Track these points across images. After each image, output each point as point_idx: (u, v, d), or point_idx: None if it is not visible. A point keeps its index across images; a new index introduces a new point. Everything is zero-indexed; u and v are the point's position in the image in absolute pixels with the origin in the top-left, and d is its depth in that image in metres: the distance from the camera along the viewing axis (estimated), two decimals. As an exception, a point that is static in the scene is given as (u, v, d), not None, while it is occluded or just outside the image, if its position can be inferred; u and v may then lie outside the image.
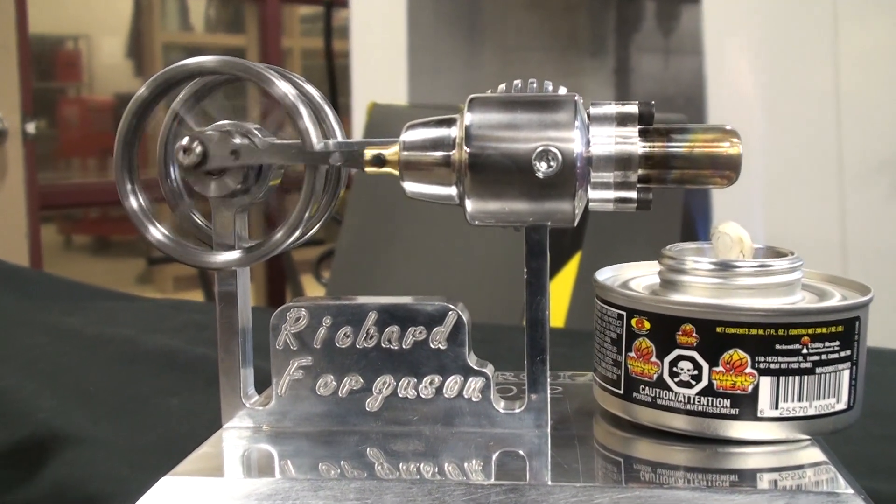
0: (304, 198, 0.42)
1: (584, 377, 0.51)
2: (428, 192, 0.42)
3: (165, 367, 0.67)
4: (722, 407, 0.40)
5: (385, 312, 0.43)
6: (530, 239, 0.42)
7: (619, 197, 0.41)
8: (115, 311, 0.89)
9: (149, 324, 0.82)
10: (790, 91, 1.25)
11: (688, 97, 1.45)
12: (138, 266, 3.09)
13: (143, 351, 0.71)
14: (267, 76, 0.41)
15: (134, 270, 3.12)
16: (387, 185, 0.43)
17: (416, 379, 0.43)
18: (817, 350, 0.40)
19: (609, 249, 1.08)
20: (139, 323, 0.82)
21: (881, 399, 0.55)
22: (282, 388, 0.44)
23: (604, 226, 1.09)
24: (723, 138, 0.41)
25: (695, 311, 0.40)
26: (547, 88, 0.42)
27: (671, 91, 1.53)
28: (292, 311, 0.44)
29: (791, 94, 1.25)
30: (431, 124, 0.42)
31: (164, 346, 0.71)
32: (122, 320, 0.83)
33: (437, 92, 1.54)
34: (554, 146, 0.40)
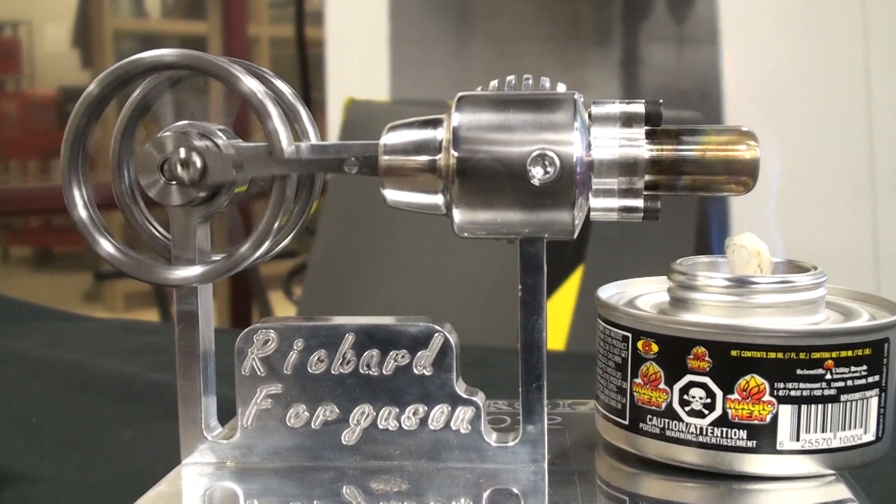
0: (274, 206, 0.42)
1: (585, 406, 0.52)
2: (411, 201, 0.42)
3: (118, 396, 0.67)
4: (737, 439, 0.41)
5: (363, 334, 0.44)
6: (525, 252, 0.42)
7: (623, 206, 0.42)
8: (61, 332, 0.89)
9: (99, 347, 0.82)
10: (816, 87, 1.26)
11: (703, 92, 1.46)
12: (85, 281, 3.09)
13: (93, 377, 0.71)
14: (232, 72, 0.41)
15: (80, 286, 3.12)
16: (366, 191, 0.44)
17: (399, 408, 0.44)
18: (842, 375, 0.40)
19: (614, 264, 1.09)
20: (88, 346, 0.83)
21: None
22: (248, 418, 0.44)
23: (608, 238, 1.10)
24: (739, 141, 0.42)
25: (707, 333, 0.41)
26: (544, 86, 0.43)
27: (685, 85, 1.54)
28: (260, 333, 0.44)
29: (817, 90, 1.26)
30: (415, 125, 0.42)
31: (115, 371, 0.71)
32: (68, 343, 0.83)
33: (423, 87, 1.55)
34: (551, 150, 0.40)
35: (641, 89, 1.55)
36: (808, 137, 1.25)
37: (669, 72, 1.55)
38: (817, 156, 1.25)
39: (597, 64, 1.60)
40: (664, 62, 1.56)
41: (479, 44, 1.68)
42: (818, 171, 1.25)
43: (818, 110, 1.26)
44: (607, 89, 1.55)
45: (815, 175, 1.25)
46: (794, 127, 1.26)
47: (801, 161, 1.24)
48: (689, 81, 1.52)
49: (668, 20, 1.56)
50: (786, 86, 1.29)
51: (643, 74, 1.58)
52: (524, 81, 0.43)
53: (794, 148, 1.25)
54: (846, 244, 1.22)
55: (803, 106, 1.27)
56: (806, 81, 1.27)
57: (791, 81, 1.28)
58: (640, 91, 1.54)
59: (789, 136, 1.26)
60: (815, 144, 1.25)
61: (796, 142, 1.25)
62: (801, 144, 1.25)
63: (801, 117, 1.26)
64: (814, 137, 1.26)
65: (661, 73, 1.56)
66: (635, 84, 1.57)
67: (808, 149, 1.25)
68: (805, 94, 1.27)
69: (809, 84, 1.27)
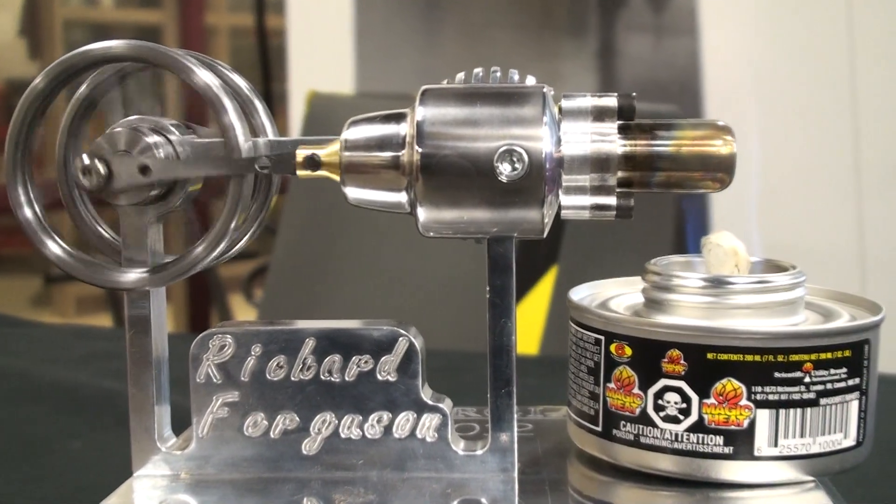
0: (230, 205, 0.42)
1: (557, 412, 0.52)
2: (374, 199, 0.43)
3: (67, 405, 0.67)
4: (714, 445, 0.41)
5: (325, 339, 0.44)
6: (493, 252, 0.43)
7: (595, 203, 0.42)
8: (7, 338, 0.89)
9: (47, 354, 0.82)
10: (799, 79, 1.27)
11: (683, 84, 1.47)
12: (34, 285, 3.06)
13: (41, 386, 0.70)
14: (185, 64, 0.41)
15: (29, 290, 3.09)
16: (330, 189, 0.44)
17: (362, 416, 0.44)
18: (822, 378, 0.41)
19: (590, 264, 1.09)
20: (36, 353, 0.82)
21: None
22: (203, 428, 0.44)
23: (583, 237, 1.10)
24: (714, 136, 0.42)
25: (682, 335, 0.41)
26: (512, 78, 0.43)
27: (663, 77, 1.55)
28: (216, 339, 0.44)
29: (800, 82, 1.27)
30: (377, 120, 0.42)
31: (65, 379, 0.71)
32: (15, 350, 0.83)
33: (390, 79, 1.55)
34: (519, 145, 0.40)
35: (618, 81, 1.55)
36: (791, 132, 1.27)
37: (647, 63, 1.56)
38: (801, 151, 1.26)
39: (572, 55, 1.61)
40: (642, 53, 1.57)
41: (448, 34, 1.68)
42: (801, 166, 1.26)
43: (801, 103, 1.27)
44: (583, 81, 1.56)
45: (799, 171, 1.26)
46: (776, 121, 1.27)
47: (783, 156, 1.25)
48: (667, 73, 1.53)
49: (646, 9, 1.56)
50: (768, 78, 1.30)
51: (620, 66, 1.59)
52: (492, 74, 0.43)
53: (777, 143, 1.26)
54: (831, 242, 1.23)
55: (786, 99, 1.28)
56: (789, 73, 1.29)
57: (773, 73, 1.29)
58: (617, 83, 1.54)
59: (771, 131, 1.27)
60: (798, 139, 1.27)
61: (779, 136, 1.26)
62: (783, 139, 1.26)
63: (783, 111, 1.27)
64: (797, 132, 1.27)
65: (639, 64, 1.57)
66: (612, 76, 1.58)
67: (791, 144, 1.26)
68: (788, 87, 1.28)
69: (792, 76, 1.28)
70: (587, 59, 1.59)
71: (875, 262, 1.22)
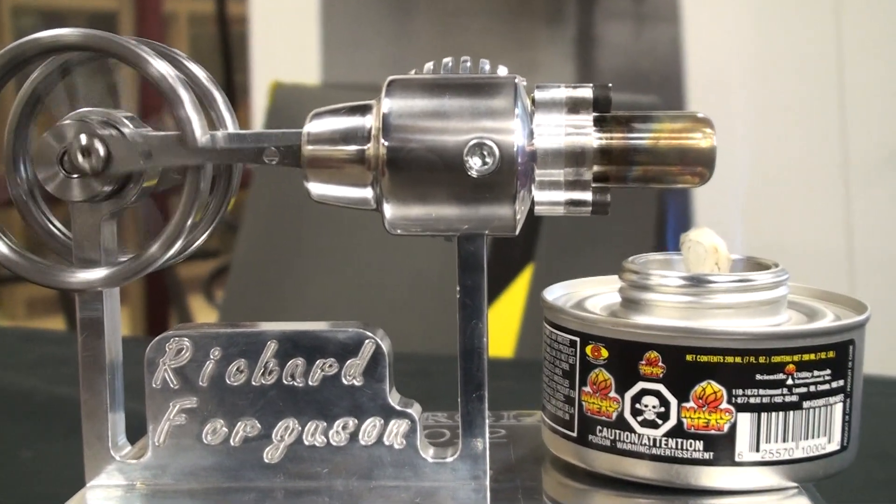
0: (187, 201, 0.42)
1: (532, 417, 0.52)
2: (338, 195, 0.43)
3: (17, 413, 0.66)
4: (693, 450, 0.42)
5: (287, 341, 0.44)
6: (464, 251, 0.43)
7: (570, 199, 0.43)
8: (-48, 343, 0.88)
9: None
10: (785, 69, 1.28)
11: (664, 75, 1.48)
12: (-18, 287, 3.04)
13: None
14: (139, 53, 0.41)
15: (-24, 292, 3.07)
16: (294, 184, 0.44)
17: (326, 423, 0.44)
18: (805, 380, 0.41)
19: (567, 262, 1.10)
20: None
21: (885, 438, 0.57)
22: (160, 436, 0.44)
23: (561, 234, 1.11)
24: (694, 128, 0.43)
25: (660, 336, 0.41)
26: (483, 68, 0.43)
27: (644, 66, 1.55)
28: (172, 342, 0.44)
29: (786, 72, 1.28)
30: (342, 112, 0.43)
31: (14, 385, 0.71)
32: (-40, 355, 0.83)
33: (357, 69, 1.55)
34: (489, 139, 0.41)
35: (597, 71, 1.56)
36: (776, 123, 1.27)
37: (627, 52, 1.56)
38: (786, 144, 1.27)
39: (549, 43, 1.61)
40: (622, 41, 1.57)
41: (419, 21, 1.68)
42: (787, 160, 1.27)
43: (787, 94, 1.28)
44: (560, 71, 1.56)
45: (785, 165, 1.27)
46: (761, 112, 1.28)
47: (768, 150, 1.26)
48: (648, 62, 1.54)
49: (627, -5, 1.57)
50: (753, 68, 1.30)
51: (599, 55, 1.59)
52: (462, 64, 0.43)
53: (762, 135, 1.27)
54: (818, 239, 1.24)
55: (772, 89, 1.29)
56: (774, 63, 1.29)
57: (758, 63, 1.30)
58: (596, 73, 1.55)
59: (756, 123, 1.27)
60: (784, 131, 1.27)
61: (764, 128, 1.27)
62: (768, 131, 1.27)
63: (769, 102, 1.28)
64: (783, 123, 1.28)
65: (619, 53, 1.57)
66: (590, 65, 1.58)
67: (777, 136, 1.27)
68: (773, 78, 1.29)
69: (778, 66, 1.29)
70: (565, 47, 1.59)
71: (864, 258, 1.23)
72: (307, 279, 1.23)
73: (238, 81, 1.72)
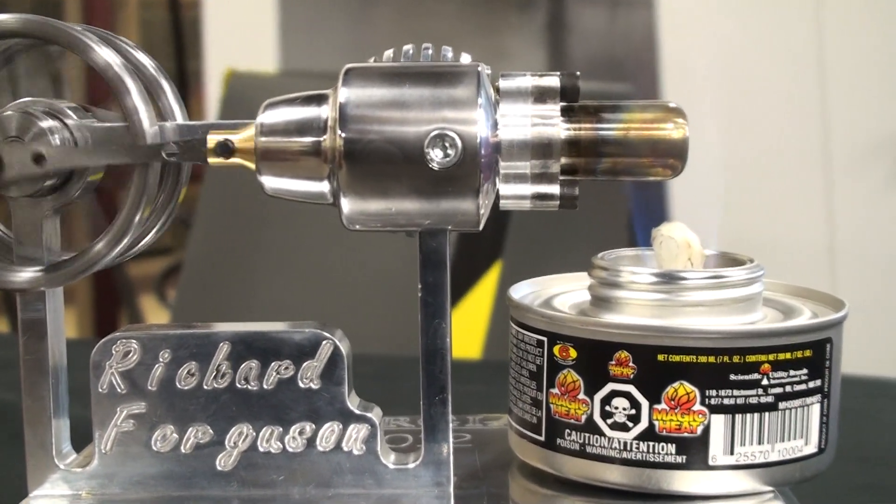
0: (134, 196, 0.42)
1: (498, 421, 0.52)
2: (293, 189, 0.43)
3: (-46, 420, 0.66)
4: (666, 454, 0.42)
5: (241, 343, 0.44)
6: (426, 247, 0.43)
7: (537, 192, 0.43)
8: None
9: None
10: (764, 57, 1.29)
11: (640, 62, 1.48)
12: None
13: (-75, 399, 0.70)
14: (83, 41, 0.41)
15: (-87, 293, 3.05)
16: (250, 177, 0.44)
17: (282, 428, 0.44)
18: (781, 380, 0.42)
19: (537, 259, 1.10)
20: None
21: (865, 439, 0.57)
22: (107, 443, 0.44)
23: (530, 229, 1.11)
24: (665, 118, 0.43)
25: (631, 335, 0.42)
26: (445, 56, 0.44)
27: (618, 53, 1.56)
28: (119, 344, 0.44)
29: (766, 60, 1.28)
30: (297, 102, 0.43)
31: (-48, 392, 0.70)
32: None
33: (317, 56, 1.54)
34: (451, 129, 0.41)
35: (569, 58, 1.56)
36: (755, 113, 1.28)
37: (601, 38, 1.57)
38: (765, 134, 1.28)
39: (519, 29, 1.62)
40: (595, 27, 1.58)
41: (383, 5, 1.68)
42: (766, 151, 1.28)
43: (766, 82, 1.29)
44: (531, 59, 1.56)
45: (763, 156, 1.28)
46: (739, 101, 1.29)
47: (746, 140, 1.27)
48: (622, 49, 1.54)
49: (599, -21, 1.57)
50: (730, 55, 1.31)
51: (571, 41, 1.60)
52: (423, 51, 0.44)
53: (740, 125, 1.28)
54: (798, 233, 1.25)
55: (750, 77, 1.29)
56: (753, 50, 1.30)
57: (736, 50, 1.31)
58: (568, 60, 1.55)
59: (734, 112, 1.28)
60: (762, 121, 1.28)
61: (742, 118, 1.28)
62: (746, 121, 1.28)
63: (747, 90, 1.29)
64: (761, 113, 1.28)
65: (592, 39, 1.58)
66: (562, 52, 1.59)
67: (756, 126, 1.28)
68: (752, 65, 1.30)
69: (757, 53, 1.30)
70: (535, 33, 1.60)
71: (846, 253, 1.24)
72: (264, 277, 1.23)
73: (191, 69, 1.72)
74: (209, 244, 1.30)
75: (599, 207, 1.06)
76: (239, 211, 1.26)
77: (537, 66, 1.50)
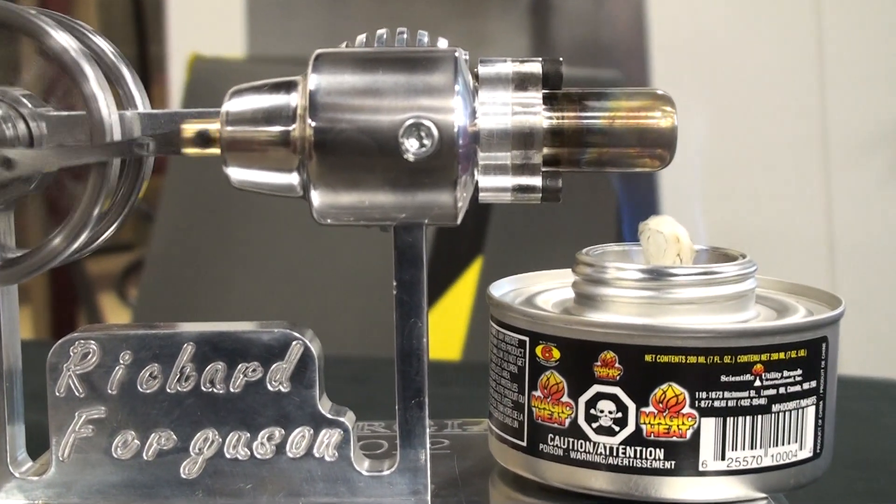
0: (93, 188, 0.42)
1: (478, 426, 0.53)
2: (260, 181, 0.43)
3: None
4: (654, 459, 0.42)
5: (206, 344, 0.44)
6: (401, 242, 0.43)
7: (518, 185, 0.43)
8: None
9: None
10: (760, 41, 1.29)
11: (628, 48, 1.49)
12: None
13: None
14: (38, 24, 0.41)
15: None
16: (217, 168, 0.44)
17: (250, 433, 0.44)
18: (774, 382, 0.42)
19: (520, 255, 1.10)
20: None
21: (863, 443, 0.58)
22: (65, 449, 0.44)
23: (513, 223, 1.11)
24: (653, 106, 0.43)
25: (617, 335, 0.42)
26: (421, 41, 0.44)
27: (606, 38, 1.56)
28: (77, 345, 0.44)
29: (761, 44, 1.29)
30: (264, 89, 0.43)
31: None
32: None
33: (287, 40, 1.54)
34: (427, 118, 0.41)
35: (554, 43, 1.56)
36: (749, 102, 1.29)
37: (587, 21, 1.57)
38: (760, 123, 1.28)
39: (501, 12, 1.61)
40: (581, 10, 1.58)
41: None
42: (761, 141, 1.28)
43: (762, 69, 1.30)
44: (513, 43, 1.56)
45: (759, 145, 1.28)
46: (733, 88, 1.29)
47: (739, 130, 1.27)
48: (610, 33, 1.54)
49: (585, -42, 1.57)
50: (725, 41, 1.31)
51: (556, 25, 1.60)
52: (398, 36, 0.44)
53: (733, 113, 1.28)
54: (794, 227, 1.25)
55: (745, 65, 1.30)
56: (749, 37, 1.30)
57: (731, 36, 1.31)
58: (553, 45, 1.55)
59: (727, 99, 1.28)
60: (758, 110, 1.29)
61: (736, 107, 1.28)
62: (741, 110, 1.28)
63: (742, 78, 1.29)
64: (756, 101, 1.29)
65: (578, 22, 1.58)
66: (546, 37, 1.59)
67: (750, 116, 1.28)
68: (747, 52, 1.30)
69: (753, 40, 1.30)
70: (518, 17, 1.60)
71: (844, 248, 1.24)
72: (231, 275, 1.23)
73: (153, 53, 1.71)
74: (173, 239, 1.30)
75: (585, 201, 1.06)
76: (205, 204, 1.26)
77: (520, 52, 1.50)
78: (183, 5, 1.56)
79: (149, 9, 1.77)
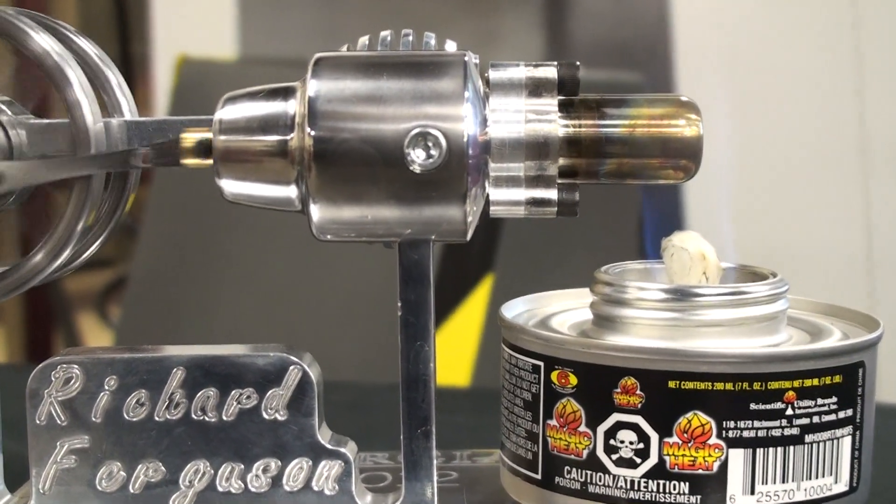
0: (77, 201, 0.43)
1: (489, 457, 0.53)
2: (256, 194, 0.43)
3: None
4: (678, 493, 0.42)
5: (197, 369, 0.44)
6: (406, 259, 0.43)
7: (532, 198, 0.43)
8: None
9: None
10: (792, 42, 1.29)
11: (649, 47, 1.48)
12: None
13: None
14: (18, 26, 0.42)
15: None
16: (205, 180, 0.44)
17: (244, 465, 0.44)
18: (807, 410, 0.42)
19: (533, 273, 1.10)
20: None
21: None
22: (45, 481, 0.45)
23: (525, 239, 1.11)
24: (677, 114, 0.44)
25: (638, 359, 0.42)
26: (428, 43, 0.44)
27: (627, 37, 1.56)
28: (59, 369, 0.44)
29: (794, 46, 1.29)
30: (260, 96, 0.43)
31: None
32: None
33: (281, 40, 1.54)
34: (435, 127, 0.41)
35: (571, 44, 1.56)
36: (781, 108, 1.28)
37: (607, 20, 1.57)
38: (793, 131, 1.28)
39: (513, 10, 1.61)
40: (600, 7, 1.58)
41: (357, -18, 1.68)
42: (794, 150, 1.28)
43: (795, 72, 1.29)
44: (527, 44, 1.56)
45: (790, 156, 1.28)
46: (764, 94, 1.29)
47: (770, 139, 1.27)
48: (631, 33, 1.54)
49: (604, -48, 1.57)
50: (755, 43, 1.31)
51: (573, 23, 1.59)
52: (403, 38, 0.44)
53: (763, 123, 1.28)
54: (830, 243, 1.25)
55: (776, 68, 1.30)
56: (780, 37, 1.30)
57: (761, 37, 1.31)
58: (570, 46, 1.55)
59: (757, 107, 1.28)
60: (790, 117, 1.28)
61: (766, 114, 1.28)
62: (771, 118, 1.28)
63: (773, 83, 1.29)
64: (789, 109, 1.29)
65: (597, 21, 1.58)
66: (563, 36, 1.58)
67: (782, 123, 1.28)
68: (779, 54, 1.30)
69: (785, 41, 1.30)
70: (533, 14, 1.60)
71: (886, 266, 1.24)
72: (222, 293, 1.23)
73: (136, 54, 1.71)
74: (159, 255, 1.30)
75: (604, 215, 1.06)
76: (193, 217, 1.26)
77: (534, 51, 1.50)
78: (169, 1, 1.56)
79: (132, 5, 1.77)
